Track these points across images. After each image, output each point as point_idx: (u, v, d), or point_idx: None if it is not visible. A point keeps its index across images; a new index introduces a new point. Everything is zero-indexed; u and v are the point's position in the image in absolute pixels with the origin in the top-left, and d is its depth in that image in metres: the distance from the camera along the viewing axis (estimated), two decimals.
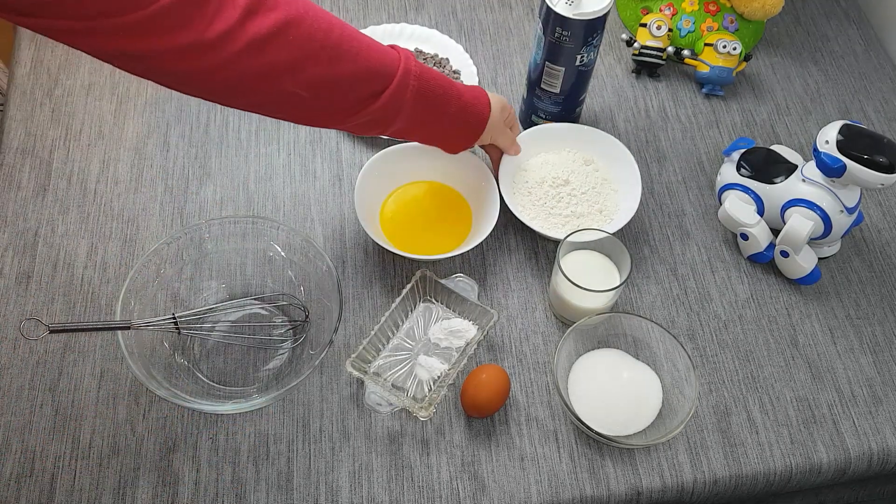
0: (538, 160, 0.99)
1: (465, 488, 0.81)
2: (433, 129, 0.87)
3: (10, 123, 1.02)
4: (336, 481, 0.81)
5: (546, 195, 0.95)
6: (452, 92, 0.84)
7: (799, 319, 0.94)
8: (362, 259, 0.94)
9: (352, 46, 0.74)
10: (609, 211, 0.96)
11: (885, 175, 0.84)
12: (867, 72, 1.17)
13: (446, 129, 0.88)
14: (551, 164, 0.98)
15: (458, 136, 0.89)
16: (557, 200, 0.95)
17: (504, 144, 0.94)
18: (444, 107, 0.84)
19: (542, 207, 0.95)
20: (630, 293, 0.94)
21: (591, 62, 0.97)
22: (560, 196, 0.95)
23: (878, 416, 0.88)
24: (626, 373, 0.86)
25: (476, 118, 0.88)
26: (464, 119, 0.87)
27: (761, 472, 0.84)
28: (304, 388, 0.86)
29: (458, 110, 0.85)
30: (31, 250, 0.93)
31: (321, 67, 0.72)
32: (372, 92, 0.77)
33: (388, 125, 0.81)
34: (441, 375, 0.84)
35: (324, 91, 0.74)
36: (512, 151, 0.96)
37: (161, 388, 0.76)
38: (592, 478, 0.83)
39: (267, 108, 0.76)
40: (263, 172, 1.00)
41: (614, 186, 0.98)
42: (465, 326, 0.86)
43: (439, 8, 1.17)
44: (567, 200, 0.95)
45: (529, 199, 0.96)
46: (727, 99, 1.12)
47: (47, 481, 0.79)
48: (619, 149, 0.98)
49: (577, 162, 0.98)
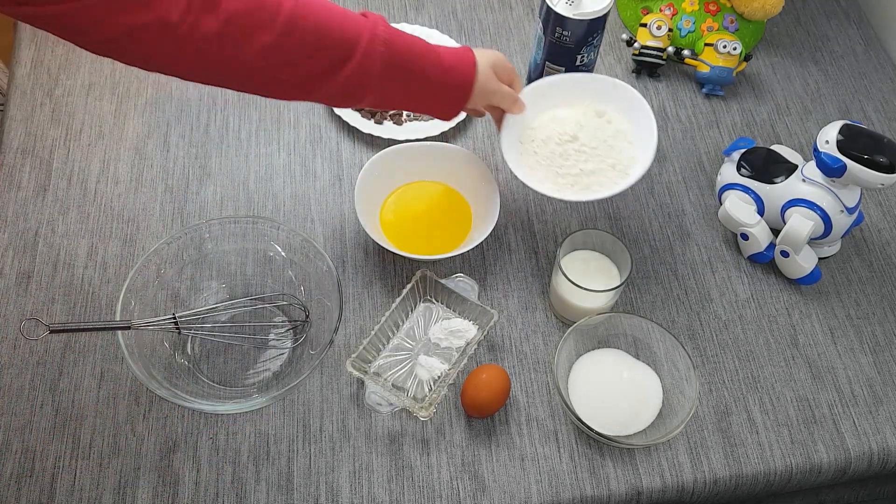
0: (546, 116, 0.92)
1: (466, 488, 0.81)
2: (412, 97, 0.83)
3: (10, 123, 1.02)
4: (336, 481, 0.81)
5: (553, 154, 0.89)
6: (429, 57, 0.80)
7: (799, 319, 0.94)
8: (362, 259, 0.94)
9: (309, 14, 0.72)
10: (623, 165, 0.88)
11: (885, 175, 0.84)
12: (867, 72, 1.17)
13: (427, 96, 0.83)
14: (559, 120, 0.91)
15: (442, 103, 0.85)
16: (565, 159, 0.88)
17: (503, 104, 0.88)
18: (419, 73, 0.80)
19: (550, 168, 0.88)
20: (630, 293, 0.94)
21: (591, 62, 0.97)
22: (567, 154, 0.88)
23: (879, 416, 0.88)
24: (627, 373, 0.86)
25: (459, 82, 0.83)
26: (445, 84, 0.82)
27: (761, 472, 0.84)
28: (305, 388, 0.86)
29: (438, 75, 0.81)
30: (31, 250, 0.93)
31: (272, 36, 0.71)
32: (334, 62, 0.75)
33: (360, 96, 0.79)
34: (441, 375, 0.84)
35: (277, 60, 0.72)
36: (515, 110, 0.89)
37: (161, 388, 0.76)
38: (592, 478, 0.83)
39: (224, 79, 0.74)
40: (263, 172, 1.00)
41: (629, 138, 0.90)
42: (465, 326, 0.86)
43: (439, 8, 1.17)
44: (575, 158, 0.88)
45: (536, 160, 0.89)
46: (727, 99, 1.12)
47: (47, 481, 0.79)
48: (634, 98, 0.90)
49: (588, 114, 0.91)
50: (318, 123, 1.05)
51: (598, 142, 0.89)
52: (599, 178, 0.87)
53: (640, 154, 0.88)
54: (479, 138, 1.05)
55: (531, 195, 1.01)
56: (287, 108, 1.06)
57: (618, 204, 1.01)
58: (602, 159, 0.88)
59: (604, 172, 0.88)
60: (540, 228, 0.98)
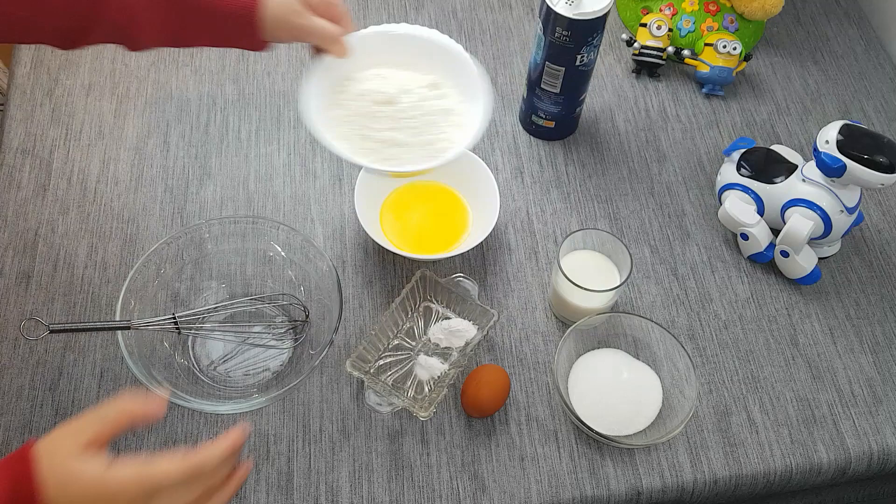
0: (373, 72, 0.82)
1: (465, 488, 0.81)
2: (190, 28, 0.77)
3: (10, 123, 1.02)
4: (336, 481, 0.81)
5: (364, 113, 0.79)
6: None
7: (799, 319, 0.94)
8: (362, 259, 0.94)
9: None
10: (438, 148, 0.79)
11: (885, 175, 0.84)
12: (867, 72, 1.17)
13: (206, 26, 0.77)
14: (384, 78, 0.81)
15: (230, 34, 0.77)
16: (375, 121, 0.78)
17: (321, 42, 0.78)
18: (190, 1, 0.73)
19: (354, 127, 0.78)
20: (630, 293, 0.94)
21: (591, 62, 0.97)
22: (378, 116, 0.78)
23: (878, 416, 0.88)
24: (626, 373, 0.86)
25: (236, 10, 0.75)
26: (219, 12, 0.75)
27: (761, 472, 0.84)
28: (304, 388, 0.86)
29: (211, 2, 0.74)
30: (31, 250, 0.93)
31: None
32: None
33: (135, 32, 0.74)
34: (441, 375, 0.84)
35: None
36: (334, 50, 0.79)
37: (161, 388, 0.76)
38: (592, 478, 0.83)
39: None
40: (263, 172, 1.00)
41: (457, 121, 0.80)
42: (465, 326, 0.86)
43: (439, 8, 1.17)
44: (386, 123, 0.78)
45: (345, 115, 0.79)
46: (727, 99, 1.12)
47: None
48: (479, 81, 0.81)
49: (420, 83, 0.81)
50: None
51: (419, 114, 0.79)
52: (406, 152, 0.78)
53: (460, 140, 0.79)
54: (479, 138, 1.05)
55: (531, 195, 1.01)
56: (287, 107, 1.06)
57: (618, 204, 1.01)
58: (416, 134, 0.78)
59: (412, 148, 0.78)
60: (540, 228, 0.98)
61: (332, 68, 0.79)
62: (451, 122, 0.80)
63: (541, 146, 1.05)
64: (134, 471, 0.55)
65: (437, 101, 0.81)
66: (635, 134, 1.08)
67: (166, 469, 0.56)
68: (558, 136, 1.06)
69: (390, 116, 0.78)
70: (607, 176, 1.03)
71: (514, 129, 1.07)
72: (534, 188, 1.01)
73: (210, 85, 1.08)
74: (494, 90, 1.10)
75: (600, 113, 1.09)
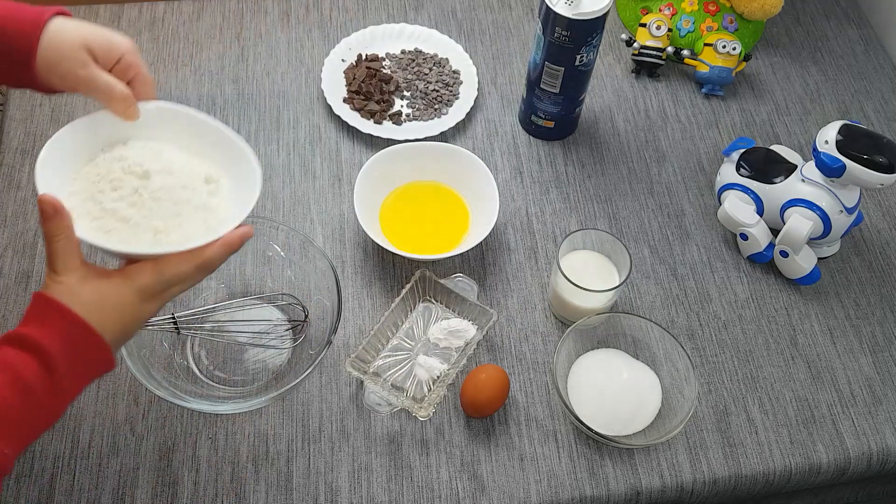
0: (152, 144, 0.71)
1: (465, 488, 0.81)
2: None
3: (10, 123, 1.02)
4: (335, 481, 0.81)
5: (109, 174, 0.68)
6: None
7: (798, 319, 0.94)
8: (362, 259, 0.94)
9: None
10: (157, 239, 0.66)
11: (884, 175, 0.84)
12: (867, 72, 1.17)
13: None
14: (155, 153, 0.70)
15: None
16: (114, 188, 0.67)
17: (104, 97, 0.68)
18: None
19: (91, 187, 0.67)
20: (630, 293, 0.94)
21: (591, 62, 0.97)
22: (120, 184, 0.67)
23: (878, 416, 0.88)
24: (626, 373, 0.86)
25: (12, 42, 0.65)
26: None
27: (761, 472, 0.84)
28: (304, 388, 0.86)
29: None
30: (30, 250, 0.93)
31: None
32: None
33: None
34: (440, 375, 0.84)
35: None
36: (119, 110, 0.68)
37: (160, 388, 0.76)
38: (592, 478, 0.83)
39: None
40: (263, 172, 1.00)
41: (210, 223, 0.69)
42: (465, 326, 0.86)
43: (439, 8, 1.17)
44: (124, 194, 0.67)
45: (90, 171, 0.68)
46: (727, 99, 1.12)
47: (46, 481, 0.79)
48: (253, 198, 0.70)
49: (193, 172, 0.71)
50: (317, 123, 1.05)
51: (164, 197, 0.68)
52: (127, 233, 0.66)
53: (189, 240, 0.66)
54: (479, 138, 1.05)
55: (531, 195, 1.01)
56: (286, 107, 1.06)
57: (617, 204, 1.01)
58: (147, 216, 0.67)
59: (136, 232, 0.66)
60: (539, 228, 0.98)
61: (112, 125, 0.69)
62: (198, 218, 0.68)
63: (540, 146, 1.05)
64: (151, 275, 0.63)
65: (201, 195, 0.70)
66: (635, 134, 1.08)
67: (178, 269, 0.64)
68: (558, 137, 1.06)
69: (134, 190, 0.67)
70: (607, 176, 1.03)
71: (514, 129, 1.07)
72: (533, 188, 1.01)
73: (210, 85, 1.08)
74: (494, 91, 1.10)
75: (600, 113, 1.09)
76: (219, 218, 0.69)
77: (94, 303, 0.61)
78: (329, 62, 1.08)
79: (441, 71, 1.09)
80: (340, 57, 1.10)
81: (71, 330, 0.60)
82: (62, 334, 0.60)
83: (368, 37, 1.12)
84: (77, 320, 0.60)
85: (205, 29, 1.13)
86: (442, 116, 1.06)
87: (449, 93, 1.07)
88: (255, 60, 1.10)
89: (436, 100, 1.07)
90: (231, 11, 1.15)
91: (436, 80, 1.08)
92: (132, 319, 0.63)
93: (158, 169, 0.69)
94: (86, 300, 0.61)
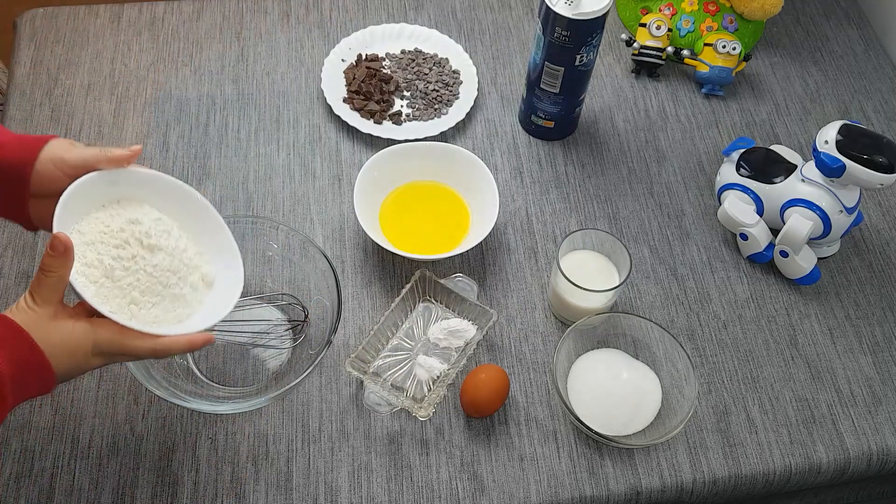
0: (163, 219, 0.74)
1: (465, 488, 0.81)
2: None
3: (10, 123, 1.02)
4: (335, 481, 0.81)
5: (113, 232, 0.70)
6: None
7: (798, 319, 0.94)
8: (362, 259, 0.94)
9: None
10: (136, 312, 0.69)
11: (884, 175, 0.84)
12: (867, 72, 1.17)
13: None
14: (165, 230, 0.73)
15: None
16: (119, 250, 0.69)
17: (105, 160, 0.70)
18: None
19: (99, 247, 0.69)
20: (630, 293, 0.94)
21: (591, 62, 0.97)
22: (126, 250, 0.69)
23: (878, 416, 0.88)
24: (626, 373, 0.86)
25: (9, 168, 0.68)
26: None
27: (760, 472, 0.84)
28: (304, 388, 0.86)
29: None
30: (30, 250, 0.93)
31: None
32: None
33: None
34: (440, 375, 0.84)
35: None
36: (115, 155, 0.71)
37: (160, 388, 0.76)
38: (592, 478, 0.83)
39: None
40: (263, 172, 1.00)
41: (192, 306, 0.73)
42: (465, 326, 0.86)
43: (439, 8, 1.17)
44: (131, 263, 0.69)
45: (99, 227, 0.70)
46: (727, 99, 1.12)
47: (46, 481, 0.79)
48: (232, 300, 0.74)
49: (192, 266, 0.74)
50: (317, 123, 1.05)
51: (157, 279, 0.70)
52: (109, 292, 0.68)
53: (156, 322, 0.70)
54: (479, 138, 1.05)
55: (531, 195, 1.01)
56: (286, 107, 1.06)
57: (617, 204, 1.01)
58: (135, 287, 0.69)
59: (117, 294, 0.68)
60: (539, 228, 0.98)
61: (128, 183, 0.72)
62: (173, 307, 0.72)
63: (540, 146, 1.05)
64: (112, 336, 0.65)
65: (184, 283, 0.73)
66: (635, 134, 1.08)
67: (137, 344, 0.66)
68: (558, 137, 1.06)
69: (134, 257, 0.69)
70: (607, 176, 1.03)
71: (514, 129, 1.07)
72: (533, 188, 1.01)
73: (209, 85, 1.08)
74: (494, 91, 1.10)
75: (600, 113, 1.09)
76: (189, 314, 0.73)
77: (57, 341, 0.64)
78: (329, 62, 1.09)
79: (441, 71, 1.09)
80: (340, 57, 1.10)
81: (27, 355, 0.63)
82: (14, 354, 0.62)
83: (368, 37, 1.12)
84: (36, 347, 0.63)
85: (205, 29, 1.13)
86: (442, 116, 1.06)
87: (449, 93, 1.07)
88: (255, 60, 1.10)
89: (436, 100, 1.07)
90: (231, 11, 1.15)
91: (436, 80, 1.08)
92: (77, 366, 0.66)
93: (164, 247, 0.72)
94: (50, 334, 0.64)
